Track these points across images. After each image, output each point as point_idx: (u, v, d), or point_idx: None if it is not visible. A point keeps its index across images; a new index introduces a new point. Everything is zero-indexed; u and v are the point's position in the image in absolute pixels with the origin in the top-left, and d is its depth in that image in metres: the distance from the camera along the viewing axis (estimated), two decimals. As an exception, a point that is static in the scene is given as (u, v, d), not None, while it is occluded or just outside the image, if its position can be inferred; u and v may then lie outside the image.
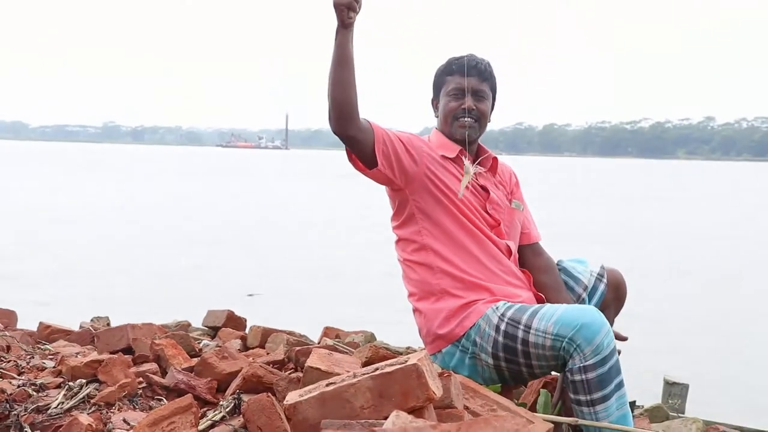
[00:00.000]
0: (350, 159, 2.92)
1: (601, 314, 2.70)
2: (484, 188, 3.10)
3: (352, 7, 2.74)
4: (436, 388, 2.12)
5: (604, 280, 3.11)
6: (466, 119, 3.07)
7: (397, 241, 3.11)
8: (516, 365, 2.83)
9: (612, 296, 3.12)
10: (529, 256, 3.18)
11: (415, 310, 3.07)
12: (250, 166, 63.19)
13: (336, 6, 2.74)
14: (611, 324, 3.02)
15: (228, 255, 12.03)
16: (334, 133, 2.82)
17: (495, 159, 3.20)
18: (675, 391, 4.08)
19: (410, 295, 3.08)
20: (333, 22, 2.76)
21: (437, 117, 3.17)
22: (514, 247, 3.12)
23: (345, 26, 2.75)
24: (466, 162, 2.98)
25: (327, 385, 2.15)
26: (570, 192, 31.97)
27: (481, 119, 3.09)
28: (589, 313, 2.69)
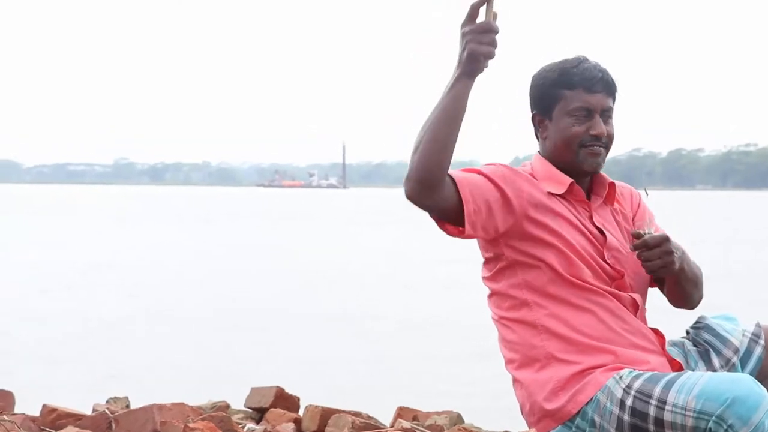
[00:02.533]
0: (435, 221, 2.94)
1: (759, 385, 2.67)
2: (601, 230, 3.06)
3: (491, 55, 2.75)
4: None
5: (762, 342, 3.06)
6: (598, 148, 3.04)
7: (491, 296, 3.11)
8: (648, 452, 2.80)
9: (772, 362, 3.07)
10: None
11: (515, 381, 3.06)
12: (304, 208, 63.93)
13: (472, 54, 2.73)
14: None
15: (267, 317, 12.17)
16: (409, 199, 2.81)
17: (612, 185, 3.16)
18: None
19: (508, 361, 3.07)
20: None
21: (543, 138, 3.12)
22: (641, 301, 3.09)
23: (471, 76, 2.78)
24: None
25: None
26: (707, 236, 31.50)
27: (609, 146, 3.08)
28: (744, 383, 2.65)
